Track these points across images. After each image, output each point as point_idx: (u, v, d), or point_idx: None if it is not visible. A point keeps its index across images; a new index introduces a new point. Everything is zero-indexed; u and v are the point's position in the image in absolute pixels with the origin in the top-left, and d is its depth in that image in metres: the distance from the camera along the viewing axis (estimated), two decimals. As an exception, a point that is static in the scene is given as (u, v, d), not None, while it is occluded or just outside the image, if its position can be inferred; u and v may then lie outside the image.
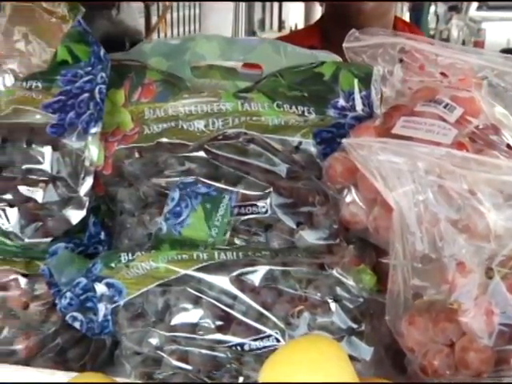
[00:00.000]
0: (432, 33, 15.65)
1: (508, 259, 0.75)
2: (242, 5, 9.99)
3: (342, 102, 0.95)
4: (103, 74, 0.94)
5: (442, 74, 1.06)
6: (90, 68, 0.97)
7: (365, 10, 1.66)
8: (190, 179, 0.89)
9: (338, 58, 1.02)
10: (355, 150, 0.77)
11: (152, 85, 0.96)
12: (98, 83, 0.94)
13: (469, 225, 0.75)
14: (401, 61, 1.08)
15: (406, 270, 0.77)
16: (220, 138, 0.91)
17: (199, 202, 0.88)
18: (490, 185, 0.75)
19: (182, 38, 1.09)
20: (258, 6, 12.00)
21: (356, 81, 0.97)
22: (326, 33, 1.87)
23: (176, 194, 0.88)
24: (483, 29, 11.81)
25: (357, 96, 0.96)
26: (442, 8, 15.78)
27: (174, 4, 5.55)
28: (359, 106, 0.96)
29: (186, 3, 5.96)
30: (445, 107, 0.88)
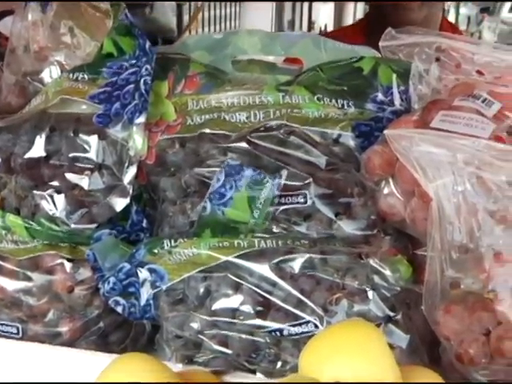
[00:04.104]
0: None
1: (545, 251, 0.76)
2: (272, 5, 9.99)
3: (380, 96, 0.97)
4: (148, 67, 0.97)
5: (479, 72, 1.07)
6: (134, 60, 1.00)
7: (416, 21, 1.64)
8: (236, 162, 0.91)
9: (378, 54, 1.04)
10: (396, 141, 0.79)
11: (195, 77, 0.98)
12: (142, 75, 0.97)
13: (506, 216, 0.76)
14: (437, 59, 1.09)
15: (444, 260, 0.78)
16: (262, 129, 0.93)
17: (244, 183, 0.90)
18: (529, 177, 0.77)
19: (225, 32, 1.12)
20: (287, 6, 12.00)
21: (394, 76, 0.99)
22: (370, 32, 1.87)
23: (222, 175, 0.91)
24: (516, 31, 11.70)
25: (395, 91, 0.98)
26: (473, 10, 15.63)
27: (206, 3, 5.58)
28: (397, 101, 0.98)
29: (218, 2, 6.00)
30: (483, 102, 0.90)
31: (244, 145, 0.93)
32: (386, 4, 1.77)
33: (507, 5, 12.79)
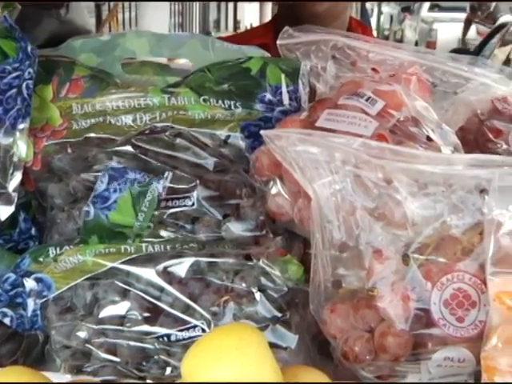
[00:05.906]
0: (386, 33, 15.85)
1: (424, 246, 0.77)
2: (196, 5, 9.98)
3: (269, 96, 0.97)
4: (30, 70, 0.94)
5: (374, 69, 1.08)
6: (17, 64, 0.97)
7: (319, 13, 1.64)
8: (120, 165, 0.90)
9: (267, 54, 1.04)
10: (273, 142, 0.79)
11: (80, 80, 0.96)
12: (25, 79, 0.94)
13: (385, 213, 0.77)
14: (333, 57, 1.10)
15: (326, 259, 0.79)
16: (147, 132, 0.92)
17: (127, 186, 0.89)
18: (406, 174, 0.78)
19: (113, 34, 1.10)
20: (213, 6, 12.00)
21: (283, 76, 0.99)
22: (279, 31, 1.87)
23: (105, 179, 0.89)
24: (435, 29, 12.02)
25: (284, 90, 0.98)
26: (395, 9, 15.96)
27: (126, 4, 5.52)
28: (286, 101, 0.98)
29: (138, 3, 5.93)
30: (367, 100, 0.91)
31: (129, 148, 0.91)
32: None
33: (426, 4, 13.12)
